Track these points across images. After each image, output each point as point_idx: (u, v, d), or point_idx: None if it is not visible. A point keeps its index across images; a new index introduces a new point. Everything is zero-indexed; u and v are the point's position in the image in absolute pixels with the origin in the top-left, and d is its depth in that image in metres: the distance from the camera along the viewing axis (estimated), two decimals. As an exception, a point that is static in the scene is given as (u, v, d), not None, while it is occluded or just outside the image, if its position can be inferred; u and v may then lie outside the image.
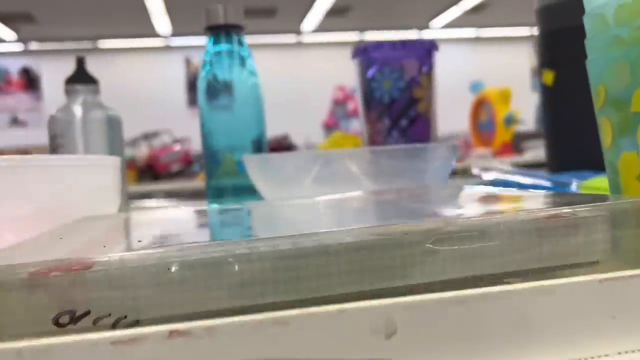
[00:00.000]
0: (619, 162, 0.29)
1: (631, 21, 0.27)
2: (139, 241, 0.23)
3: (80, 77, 0.55)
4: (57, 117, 0.54)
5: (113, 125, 0.55)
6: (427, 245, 0.20)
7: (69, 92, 0.54)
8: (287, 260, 0.19)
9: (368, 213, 0.31)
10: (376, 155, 0.45)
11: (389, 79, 0.59)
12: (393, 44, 0.60)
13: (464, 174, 0.67)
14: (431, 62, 0.60)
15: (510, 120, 2.18)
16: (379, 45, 0.60)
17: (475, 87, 2.45)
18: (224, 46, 0.58)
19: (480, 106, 2.29)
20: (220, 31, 0.58)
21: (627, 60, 0.27)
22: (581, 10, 0.62)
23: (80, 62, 0.55)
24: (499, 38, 6.23)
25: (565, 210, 0.22)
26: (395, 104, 0.59)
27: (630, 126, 0.28)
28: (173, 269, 0.18)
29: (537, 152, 2.20)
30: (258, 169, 0.47)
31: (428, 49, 0.60)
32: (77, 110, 0.54)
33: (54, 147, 0.54)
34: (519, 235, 0.21)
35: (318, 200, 0.36)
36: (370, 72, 0.60)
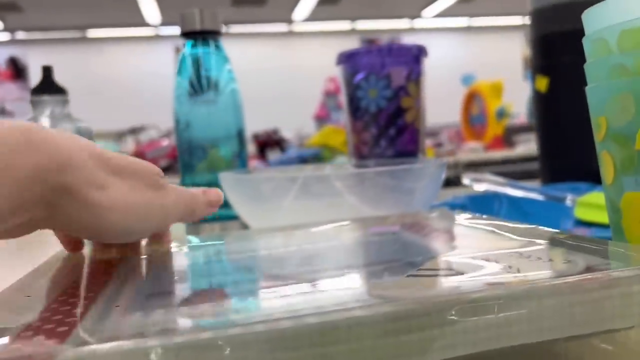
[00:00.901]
0: (622, 202, 0.26)
1: (636, 49, 0.24)
2: (117, 306, 0.20)
3: (47, 88, 0.51)
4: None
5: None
6: (450, 317, 0.17)
7: (34, 104, 0.51)
8: (288, 341, 0.16)
9: (365, 260, 0.28)
10: (361, 177, 0.42)
11: (375, 87, 0.56)
12: (379, 50, 0.57)
13: (454, 184, 0.64)
14: (419, 69, 0.57)
15: (502, 114, 2.15)
16: (364, 51, 0.57)
17: (466, 79, 2.42)
18: (200, 50, 0.55)
19: (472, 99, 2.26)
20: (197, 36, 0.55)
21: (632, 92, 0.25)
22: (575, 14, 0.60)
23: (47, 71, 0.52)
24: (491, 27, 6.19)
25: (599, 273, 0.19)
26: (382, 113, 0.56)
27: (635, 164, 0.25)
28: (153, 357, 0.15)
29: (529, 145, 2.18)
30: (235, 189, 0.45)
31: (416, 55, 0.57)
32: (44, 122, 0.51)
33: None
34: (549, 301, 0.18)
35: (305, 236, 0.33)
36: (356, 80, 0.57)
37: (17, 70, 5.47)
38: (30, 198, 0.22)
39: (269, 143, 2.50)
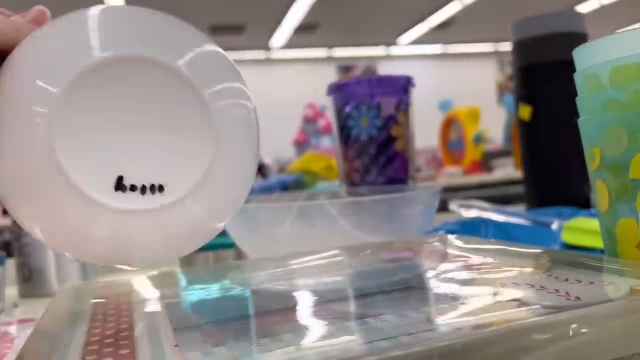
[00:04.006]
0: (617, 228, 0.28)
1: (628, 84, 0.26)
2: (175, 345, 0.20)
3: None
4: None
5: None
6: (531, 341, 0.18)
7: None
8: None
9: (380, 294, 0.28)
10: (357, 205, 0.43)
11: (366, 116, 0.57)
12: (369, 80, 0.58)
13: (439, 210, 0.65)
14: (408, 99, 0.59)
15: (479, 139, 2.19)
16: (354, 82, 0.58)
17: (444, 105, 2.47)
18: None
19: (450, 125, 2.30)
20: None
21: (625, 125, 0.26)
22: (556, 45, 0.62)
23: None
24: (465, 54, 6.33)
25: None
26: (372, 142, 0.58)
27: (629, 192, 0.27)
28: None
29: (506, 170, 2.22)
30: (233, 219, 0.45)
31: (404, 85, 0.59)
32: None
33: None
34: (618, 321, 0.19)
35: (304, 274, 0.33)
36: (347, 110, 0.58)
37: None
38: None
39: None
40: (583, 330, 0.18)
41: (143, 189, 0.22)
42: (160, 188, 0.22)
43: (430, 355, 0.17)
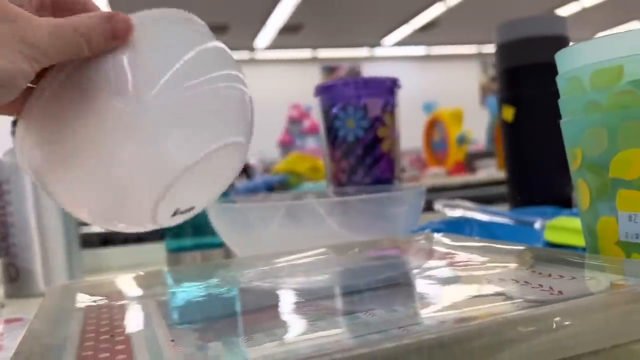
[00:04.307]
0: (597, 226, 0.29)
1: (608, 87, 0.27)
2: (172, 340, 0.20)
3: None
4: (4, 162, 0.50)
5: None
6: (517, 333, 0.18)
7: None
8: None
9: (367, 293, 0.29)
10: (345, 205, 0.44)
11: (352, 117, 0.58)
12: (355, 82, 0.59)
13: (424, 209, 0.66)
14: (394, 101, 0.60)
15: (462, 140, 2.21)
16: (341, 83, 0.59)
17: (428, 107, 2.49)
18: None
19: (433, 126, 2.32)
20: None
21: (605, 126, 0.27)
22: (539, 48, 0.63)
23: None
24: (448, 55, 6.38)
25: (628, 283, 0.21)
26: (359, 143, 0.58)
27: (609, 191, 0.28)
28: None
29: (489, 170, 2.25)
30: (222, 219, 0.45)
31: (390, 87, 0.60)
32: (25, 153, 0.51)
33: (0, 193, 0.50)
34: (591, 315, 0.20)
35: (293, 272, 0.34)
36: (334, 111, 0.59)
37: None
38: None
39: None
40: (566, 323, 0.19)
41: (183, 212, 0.28)
42: (192, 208, 0.29)
43: (419, 347, 0.17)
